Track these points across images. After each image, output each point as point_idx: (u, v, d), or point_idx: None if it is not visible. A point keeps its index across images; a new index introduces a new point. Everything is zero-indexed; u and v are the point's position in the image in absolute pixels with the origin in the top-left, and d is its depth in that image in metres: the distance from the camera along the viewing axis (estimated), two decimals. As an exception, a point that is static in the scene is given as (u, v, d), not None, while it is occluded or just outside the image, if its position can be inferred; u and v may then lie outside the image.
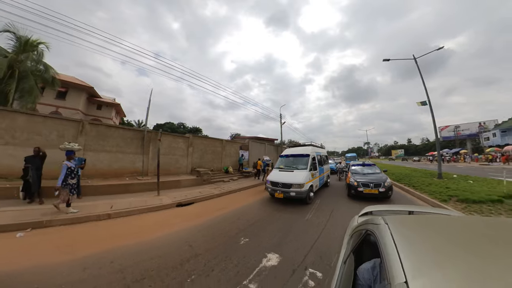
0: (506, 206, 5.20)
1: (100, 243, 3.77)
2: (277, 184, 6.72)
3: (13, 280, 2.53)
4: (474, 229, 0.96)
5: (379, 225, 1.05)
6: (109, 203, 6.01)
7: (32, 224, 4.20)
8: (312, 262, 3.02)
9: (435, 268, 0.64)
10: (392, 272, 0.65)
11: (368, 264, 1.22)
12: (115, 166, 9.00)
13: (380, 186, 6.65)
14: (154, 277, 2.73)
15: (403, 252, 0.73)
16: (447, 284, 0.55)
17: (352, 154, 31.80)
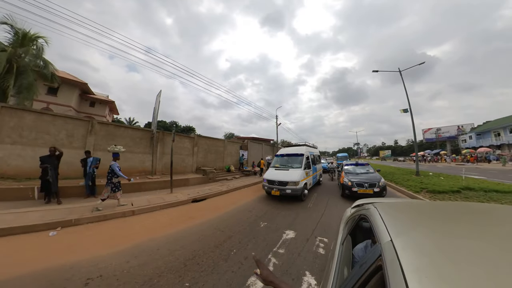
0: (462, 195, 6.75)
1: (138, 235, 4.02)
2: (273, 182, 6.94)
3: (72, 271, 2.71)
4: (439, 207, 1.32)
5: (370, 209, 1.28)
6: (127, 201, 6.13)
7: (61, 223, 4.24)
8: (319, 234, 4.06)
9: (411, 230, 0.89)
10: (381, 236, 0.85)
11: (361, 245, 1.46)
12: (125, 165, 8.89)
13: (374, 186, 6.57)
14: (202, 255, 3.19)
15: (388, 223, 0.94)
16: (418, 239, 0.77)
17: (343, 154, 31.02)
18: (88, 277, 2.61)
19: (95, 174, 6.53)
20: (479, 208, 1.16)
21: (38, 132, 7.06)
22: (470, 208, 1.21)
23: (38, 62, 10.05)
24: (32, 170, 6.84)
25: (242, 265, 2.91)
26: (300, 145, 9.72)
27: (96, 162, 6.59)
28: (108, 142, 8.47)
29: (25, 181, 6.38)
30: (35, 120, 7.04)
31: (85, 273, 2.69)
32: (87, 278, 2.58)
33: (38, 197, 5.69)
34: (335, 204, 6.52)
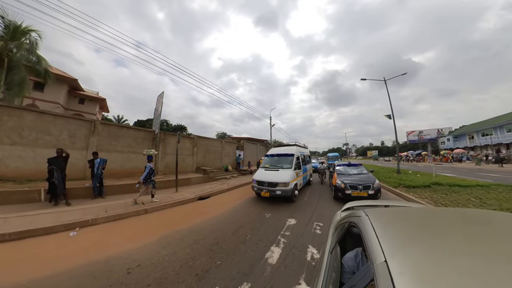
0: (431, 189, 7.73)
1: (159, 230, 4.27)
2: (263, 183, 6.68)
3: (109, 265, 2.89)
4: (435, 216, 1.19)
5: (361, 217, 1.16)
6: (139, 200, 6.19)
7: (78, 223, 4.31)
8: (315, 220, 4.89)
9: (407, 248, 0.77)
10: (374, 254, 0.75)
11: (351, 253, 1.35)
12: (127, 166, 8.84)
13: (369, 188, 6.18)
14: (223, 241, 3.69)
15: (382, 238, 0.84)
16: (416, 259, 0.68)
17: (334, 154, 28.38)
18: (128, 267, 2.84)
19: (102, 175, 6.49)
20: (478, 217, 1.08)
21: (39, 133, 6.85)
22: (469, 216, 1.11)
23: (31, 58, 9.56)
24: (32, 171, 6.64)
25: (258, 245, 3.53)
26: (291, 145, 9.45)
27: (103, 163, 6.54)
28: (110, 142, 8.35)
29: (26, 183, 6.19)
30: (35, 120, 6.81)
31: (123, 265, 2.90)
32: (127, 268, 2.81)
33: (44, 199, 5.59)
34: (326, 197, 7.32)
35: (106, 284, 2.47)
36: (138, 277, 2.62)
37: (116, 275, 2.66)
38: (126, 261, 3.00)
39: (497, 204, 5.50)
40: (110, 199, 6.25)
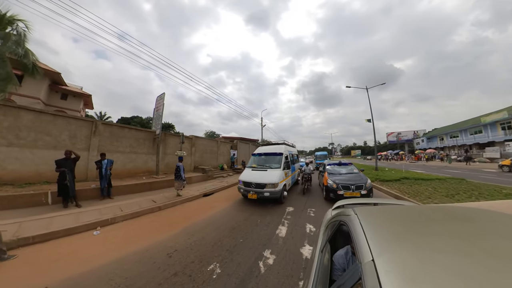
0: (400, 182, 9.19)
1: (179, 223, 4.69)
2: (250, 184, 6.24)
3: (149, 253, 3.23)
4: (421, 215, 1.19)
5: (350, 216, 1.18)
6: (148, 199, 6.47)
7: (98, 223, 4.43)
8: (308, 207, 5.87)
9: (394, 247, 0.79)
10: (362, 254, 0.77)
11: (342, 251, 1.37)
12: (129, 166, 8.73)
13: (362, 188, 6.03)
14: (239, 226, 4.42)
15: (370, 237, 0.86)
16: (402, 258, 0.71)
17: (323, 153, 25.79)
18: (167, 252, 3.23)
19: (110, 174, 6.44)
20: (462, 215, 1.10)
21: (38, 133, 6.56)
22: (453, 214, 1.13)
23: (18, 50, 8.87)
24: (31, 174, 6.37)
25: (268, 227, 4.38)
26: (279, 144, 9.02)
27: (110, 164, 6.49)
28: (112, 143, 8.19)
29: (26, 187, 5.94)
30: (33, 120, 6.51)
31: (162, 251, 3.27)
32: (167, 253, 3.19)
33: (52, 202, 5.45)
34: (315, 191, 8.13)
35: (154, 266, 2.82)
36: (180, 258, 3.03)
37: (160, 259, 3.01)
38: (162, 249, 3.34)
39: (445, 192, 6.85)
40: (119, 200, 6.28)
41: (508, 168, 14.37)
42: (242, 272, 2.69)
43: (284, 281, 2.48)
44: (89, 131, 7.56)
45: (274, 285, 2.41)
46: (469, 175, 12.30)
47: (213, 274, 2.64)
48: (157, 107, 10.27)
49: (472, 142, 30.87)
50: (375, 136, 16.48)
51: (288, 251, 3.24)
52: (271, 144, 9.46)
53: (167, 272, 2.68)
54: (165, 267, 2.80)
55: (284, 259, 3.01)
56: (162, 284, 2.44)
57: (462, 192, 6.74)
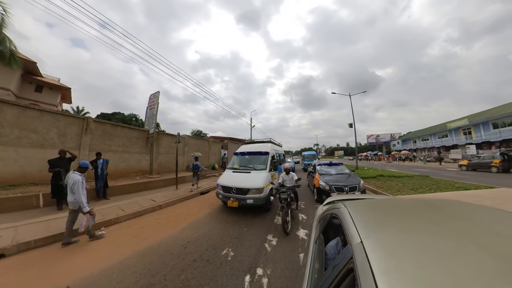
0: (376, 179, 10.14)
1: (183, 219, 4.92)
2: (230, 189, 5.25)
3: (164, 247, 3.42)
4: (402, 205, 1.40)
5: (340, 208, 1.33)
6: (146, 198, 6.49)
7: (102, 223, 4.42)
8: (298, 213, 5.95)
9: (379, 230, 0.93)
10: (352, 237, 0.89)
11: (333, 242, 1.50)
12: (122, 166, 8.48)
13: (355, 189, 5.85)
14: (242, 219, 4.86)
15: (358, 224, 1.00)
16: (386, 239, 0.83)
17: (311, 153, 23.97)
18: (181, 244, 3.48)
19: (106, 174, 6.28)
20: (435, 204, 1.22)
21: (22, 130, 6.14)
22: (428, 204, 1.26)
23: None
24: (15, 175, 5.99)
25: (266, 218, 4.92)
26: (265, 142, 8.21)
27: (106, 163, 6.34)
28: (104, 142, 7.90)
29: (11, 189, 5.57)
30: (17, 116, 6.08)
31: (176, 244, 3.50)
32: (181, 245, 3.44)
33: (43, 205, 5.21)
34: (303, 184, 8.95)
35: (173, 256, 3.05)
36: (195, 248, 3.31)
37: (176, 250, 3.25)
38: (175, 242, 3.57)
39: (411, 186, 8.09)
40: (116, 200, 6.18)
41: (466, 167, 16.59)
42: (252, 252, 3.15)
43: (287, 255, 3.06)
44: (79, 129, 7.23)
45: (280, 259, 2.96)
46: (433, 173, 14.02)
47: (228, 257, 3.00)
48: (150, 106, 10.05)
49: (440, 144, 34.40)
50: (356, 138, 17.80)
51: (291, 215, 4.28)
52: (256, 142, 8.45)
53: (186, 260, 2.92)
54: (183, 256, 3.04)
55: (284, 240, 3.67)
56: (185, 269, 2.68)
57: (425, 186, 8.05)
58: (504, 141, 23.28)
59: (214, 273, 2.61)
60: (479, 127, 27.00)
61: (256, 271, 2.66)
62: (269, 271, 2.66)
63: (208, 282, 2.44)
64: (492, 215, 1.01)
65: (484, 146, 25.54)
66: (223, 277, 2.54)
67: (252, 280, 2.46)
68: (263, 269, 2.69)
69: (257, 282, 2.44)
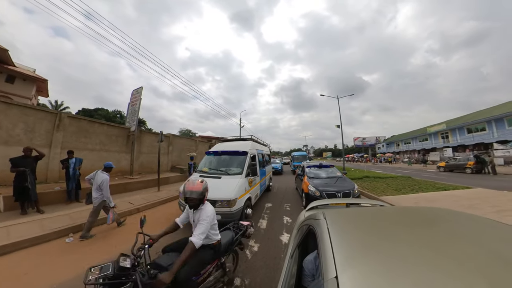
0: (362, 180, 10.41)
1: (163, 223, 4.54)
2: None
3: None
4: (391, 218, 1.18)
5: (319, 221, 1.14)
6: (124, 201, 6.07)
7: (70, 229, 4.00)
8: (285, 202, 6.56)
9: (360, 260, 0.72)
10: (326, 268, 0.70)
11: (311, 256, 1.30)
12: (99, 165, 7.85)
13: (349, 195, 5.23)
14: None
15: (336, 247, 0.80)
16: (368, 274, 0.64)
17: (301, 153, 22.41)
18: (156, 252, 3.11)
19: (78, 174, 5.81)
20: (426, 217, 1.11)
21: (-18, 124, 5.52)
22: (418, 216, 1.13)
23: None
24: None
25: (253, 219, 4.78)
26: (245, 139, 7.05)
27: (79, 163, 5.87)
28: (79, 139, 7.35)
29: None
30: (-23, 108, 5.46)
31: (157, 246, 3.05)
32: (156, 253, 3.07)
33: (4, 209, 4.70)
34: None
35: None
36: None
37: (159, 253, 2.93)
38: (156, 244, 3.21)
39: (395, 187, 8.33)
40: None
41: (443, 169, 17.74)
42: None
43: (268, 263, 2.80)
44: (51, 124, 6.65)
45: (260, 266, 2.82)
46: (415, 174, 14.76)
47: None
48: (132, 102, 9.56)
49: (420, 147, 36.32)
50: (343, 140, 18.22)
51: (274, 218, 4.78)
52: (235, 140, 7.19)
53: None
54: None
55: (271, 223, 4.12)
56: None
57: (407, 187, 8.30)
58: (477, 144, 25.03)
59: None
60: (455, 131, 28.99)
61: (233, 281, 2.48)
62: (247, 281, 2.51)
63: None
64: (502, 231, 0.85)
65: (459, 149, 27.29)
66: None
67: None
68: (241, 279, 2.53)
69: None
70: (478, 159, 14.67)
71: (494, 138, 23.11)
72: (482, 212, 4.85)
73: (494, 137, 23.28)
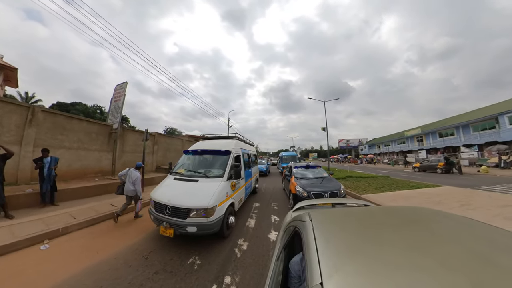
0: (345, 180, 10.90)
1: (149, 226, 4.37)
2: (164, 208, 3.48)
3: (121, 258, 3.07)
4: (376, 218, 1.19)
5: (305, 222, 1.13)
6: (105, 203, 5.80)
7: (45, 235, 3.69)
8: (272, 201, 6.81)
9: (346, 265, 0.70)
10: (312, 274, 0.68)
11: (297, 257, 1.29)
12: (76, 165, 7.43)
13: (336, 195, 5.36)
14: None
15: (322, 251, 0.78)
16: (354, 280, 0.62)
17: (290, 153, 20.77)
18: (142, 255, 3.13)
19: (54, 174, 5.38)
20: (411, 217, 1.11)
21: None
22: (403, 216, 1.15)
23: None
24: None
25: (241, 217, 5.04)
26: (229, 138, 6.34)
27: (55, 162, 5.45)
28: (55, 136, 6.84)
29: None
30: None
31: (136, 254, 3.13)
32: (142, 256, 3.10)
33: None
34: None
35: (131, 269, 2.73)
36: (157, 258, 3.01)
37: (136, 262, 2.90)
38: (136, 252, 3.20)
39: (375, 186, 8.98)
40: (66, 206, 5.33)
41: (418, 169, 19.17)
42: (221, 259, 2.98)
43: (257, 260, 2.99)
44: (22, 119, 6.10)
45: (249, 264, 2.88)
46: (393, 174, 15.95)
47: (194, 266, 2.80)
48: (115, 97, 9.09)
49: (398, 150, 39.12)
50: (328, 141, 19.06)
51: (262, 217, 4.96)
52: (218, 138, 6.39)
53: (147, 273, 2.62)
54: (143, 268, 2.73)
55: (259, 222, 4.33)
56: (144, 284, 2.39)
57: (386, 185, 8.97)
58: (447, 147, 27.67)
59: (178, 285, 2.39)
60: (428, 136, 31.84)
61: (224, 279, 2.52)
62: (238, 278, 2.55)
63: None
64: (482, 230, 0.88)
65: (432, 151, 29.92)
66: (187, 288, 2.34)
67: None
68: (231, 277, 2.56)
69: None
70: (447, 161, 16.14)
71: (461, 142, 25.66)
72: (448, 207, 5.42)
73: (461, 141, 25.87)
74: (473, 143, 24.13)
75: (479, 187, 8.80)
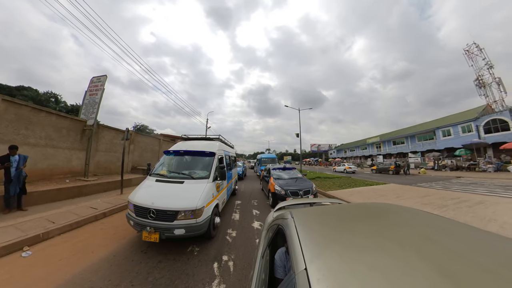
0: (314, 180, 11.97)
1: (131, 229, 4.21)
2: (146, 211, 3.27)
3: (119, 256, 3.12)
4: (349, 213, 1.34)
5: (287, 220, 1.22)
6: (83, 206, 5.49)
7: (24, 242, 3.44)
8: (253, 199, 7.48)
9: (325, 252, 0.80)
10: (296, 262, 0.76)
11: (282, 250, 1.43)
12: (43, 165, 6.75)
13: (309, 193, 6.03)
14: None
15: (304, 242, 0.88)
16: (333, 263, 0.72)
17: (270, 156, 18.72)
18: (141, 250, 3.27)
19: (24, 175, 4.88)
20: (378, 211, 1.28)
21: None
22: (371, 210, 1.31)
23: None
24: None
25: (226, 214, 5.51)
26: (212, 139, 6.32)
27: (24, 161, 4.95)
28: (18, 131, 6.15)
29: None
30: None
31: (134, 251, 3.23)
32: (141, 251, 3.24)
33: None
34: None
35: (134, 263, 2.88)
36: (157, 251, 3.21)
37: (136, 257, 3.03)
38: (133, 249, 3.28)
39: (338, 184, 10.68)
40: (38, 211, 4.82)
41: (375, 171, 22.96)
42: (216, 245, 3.47)
43: (246, 243, 3.58)
44: (-23, 111, 5.39)
45: (240, 246, 3.46)
46: (354, 175, 19.30)
47: (194, 252, 3.20)
48: (91, 90, 8.49)
49: (361, 154, 44.66)
50: (301, 146, 20.95)
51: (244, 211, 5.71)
52: (200, 139, 6.20)
53: (150, 263, 2.85)
54: (146, 260, 2.94)
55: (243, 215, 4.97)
56: (151, 272, 2.66)
57: (346, 184, 10.79)
58: (398, 153, 33.38)
59: (183, 267, 2.73)
60: (385, 143, 37.86)
61: (222, 258, 3.00)
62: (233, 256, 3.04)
63: (179, 275, 2.57)
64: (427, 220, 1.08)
65: (387, 156, 35.20)
66: (193, 268, 2.72)
67: (219, 266, 2.80)
68: (227, 255, 3.07)
69: (224, 266, 2.79)
70: (396, 164, 20.16)
71: (409, 149, 31.47)
72: (388, 199, 7.09)
73: (409, 148, 31.67)
74: (417, 150, 29.67)
75: (415, 184, 11.36)
